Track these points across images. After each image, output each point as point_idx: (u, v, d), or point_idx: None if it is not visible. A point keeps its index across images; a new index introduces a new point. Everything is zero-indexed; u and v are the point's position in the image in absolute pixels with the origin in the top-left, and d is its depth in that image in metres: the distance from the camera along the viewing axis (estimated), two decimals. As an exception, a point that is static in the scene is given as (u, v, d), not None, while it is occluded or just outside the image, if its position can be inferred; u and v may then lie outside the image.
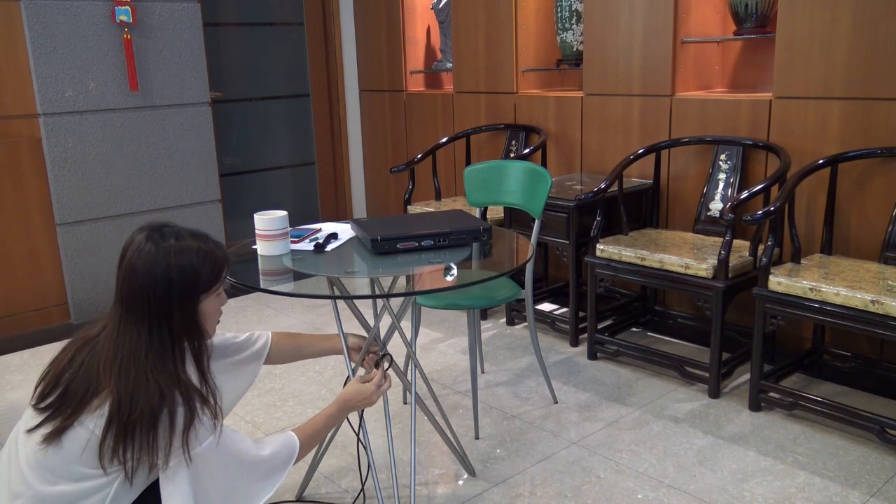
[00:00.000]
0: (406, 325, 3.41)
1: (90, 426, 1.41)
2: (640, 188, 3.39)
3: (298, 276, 1.98)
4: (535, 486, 2.32)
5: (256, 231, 2.07)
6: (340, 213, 5.33)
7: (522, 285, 2.76)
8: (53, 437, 1.43)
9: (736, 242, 2.93)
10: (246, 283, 1.95)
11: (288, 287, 2.02)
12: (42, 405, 1.47)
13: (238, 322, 3.87)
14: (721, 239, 2.80)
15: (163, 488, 1.45)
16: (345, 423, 2.44)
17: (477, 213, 3.11)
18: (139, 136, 3.99)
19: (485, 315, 3.81)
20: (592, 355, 3.24)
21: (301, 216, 4.92)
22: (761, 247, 2.88)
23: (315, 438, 1.76)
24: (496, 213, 3.63)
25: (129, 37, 3.86)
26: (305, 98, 5.09)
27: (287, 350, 2.06)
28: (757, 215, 2.56)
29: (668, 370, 3.05)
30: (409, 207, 3.98)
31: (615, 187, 3.17)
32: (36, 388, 1.51)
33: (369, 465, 2.11)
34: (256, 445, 1.61)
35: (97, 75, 3.81)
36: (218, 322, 1.64)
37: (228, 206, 4.55)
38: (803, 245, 2.88)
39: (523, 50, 3.99)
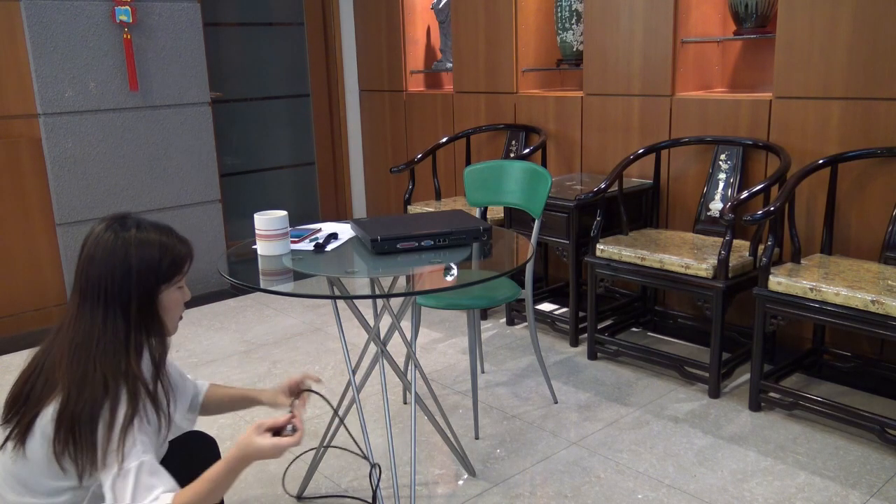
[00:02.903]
0: (406, 325, 3.41)
1: (47, 430, 1.38)
2: (640, 188, 3.39)
3: (298, 276, 1.98)
4: (535, 486, 2.32)
5: (256, 231, 2.07)
6: (340, 213, 5.33)
7: (522, 285, 2.76)
8: (19, 447, 1.40)
9: (736, 242, 2.93)
10: (246, 283, 1.95)
11: (288, 287, 2.02)
12: (8, 416, 1.44)
13: (238, 322, 3.87)
14: (721, 239, 2.80)
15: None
16: (346, 421, 2.45)
17: (477, 213, 3.11)
18: (139, 136, 3.99)
19: (485, 315, 3.81)
20: (592, 355, 3.24)
21: (301, 216, 4.92)
22: (761, 247, 2.88)
23: (201, 495, 1.46)
24: (496, 213, 3.63)
25: (129, 37, 3.86)
26: (305, 98, 5.09)
27: (221, 401, 1.91)
28: (757, 215, 2.56)
29: (668, 370, 3.05)
30: (409, 207, 3.98)
31: (615, 187, 3.17)
32: (5, 403, 1.46)
33: (371, 470, 2.11)
34: (142, 492, 1.36)
35: (97, 75, 3.81)
36: (180, 318, 1.58)
37: (228, 206, 4.55)
38: (803, 245, 2.88)
39: (523, 50, 3.99)
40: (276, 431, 1.52)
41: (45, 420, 1.38)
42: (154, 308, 1.48)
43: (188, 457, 1.65)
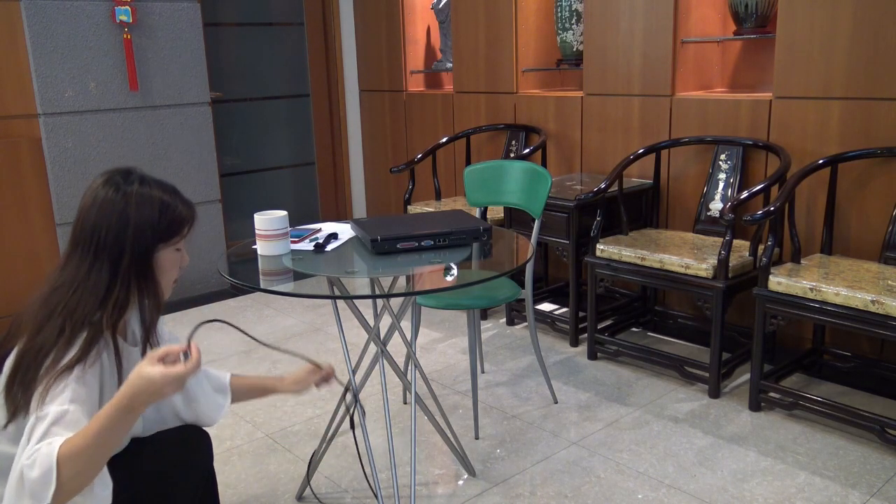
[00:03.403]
0: (406, 325, 3.41)
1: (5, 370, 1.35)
2: (640, 188, 3.39)
3: (298, 276, 1.97)
4: (535, 486, 2.32)
5: (256, 231, 2.07)
6: (340, 213, 5.33)
7: (522, 285, 2.76)
8: None
9: (736, 242, 2.93)
10: (246, 283, 1.95)
11: (288, 287, 2.02)
12: None
13: (238, 322, 3.87)
14: (721, 239, 2.80)
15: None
16: (346, 421, 2.45)
17: (477, 213, 3.11)
18: (139, 136, 3.99)
19: (485, 315, 3.81)
20: (592, 355, 3.24)
21: (301, 216, 4.91)
22: (761, 247, 2.88)
23: (86, 450, 1.19)
24: (496, 213, 3.63)
25: (129, 37, 3.86)
26: (305, 98, 5.09)
27: (241, 388, 1.88)
28: (757, 215, 2.56)
29: (668, 370, 3.05)
30: (409, 207, 3.98)
31: (615, 187, 3.17)
32: None
33: (370, 466, 2.11)
34: (33, 442, 1.22)
35: (97, 75, 3.81)
36: (175, 282, 1.52)
37: (228, 206, 4.55)
38: (803, 245, 2.88)
39: (523, 50, 3.99)
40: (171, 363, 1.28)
41: (7, 364, 1.36)
42: (150, 265, 1.42)
43: (183, 451, 1.62)
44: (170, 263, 1.47)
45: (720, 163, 3.18)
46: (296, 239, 2.15)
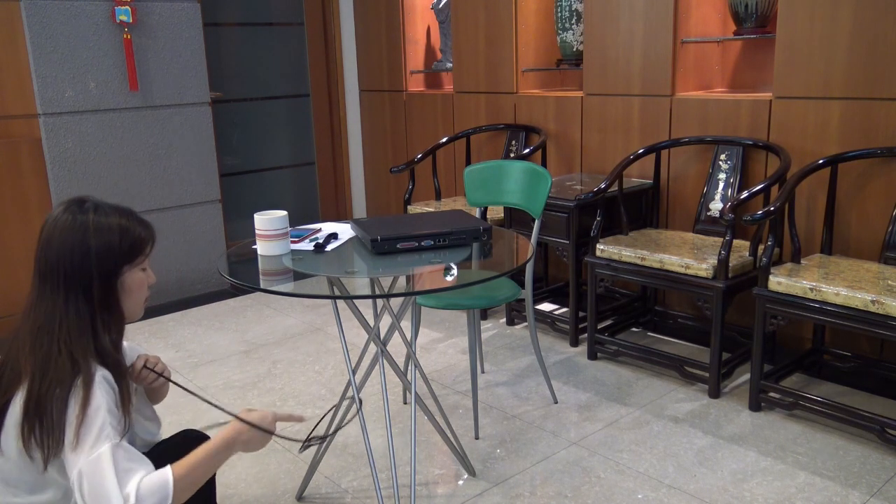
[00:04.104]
0: (406, 325, 3.41)
1: (16, 418, 1.35)
2: (640, 188, 3.39)
3: (298, 276, 1.97)
4: (535, 486, 2.32)
5: (256, 231, 2.07)
6: (340, 213, 5.33)
7: (522, 285, 2.76)
8: None
9: (736, 242, 2.93)
10: (246, 283, 1.95)
11: (288, 287, 2.02)
12: None
13: (238, 322, 3.87)
14: (721, 239, 2.80)
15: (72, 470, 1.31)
16: (345, 420, 2.44)
17: (477, 213, 3.11)
18: (139, 136, 3.99)
19: (485, 315, 3.81)
20: (592, 355, 3.24)
21: (301, 216, 4.91)
22: (761, 247, 2.88)
23: (195, 475, 1.39)
24: (496, 213, 3.63)
25: (129, 37, 3.86)
26: (305, 98, 5.09)
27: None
28: (757, 215, 2.56)
29: (668, 370, 3.05)
30: (409, 207, 3.98)
31: (615, 187, 3.17)
32: None
33: (370, 467, 2.11)
34: (123, 476, 1.30)
35: (97, 75, 3.81)
36: (146, 300, 1.55)
37: (228, 206, 4.55)
38: (803, 245, 2.88)
39: (523, 50, 3.99)
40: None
41: (15, 409, 1.36)
42: (115, 290, 1.45)
43: (184, 452, 1.63)
44: (137, 284, 1.50)
45: (720, 163, 3.18)
46: (296, 239, 2.15)
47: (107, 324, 1.44)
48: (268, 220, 2.04)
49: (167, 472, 1.33)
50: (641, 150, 3.28)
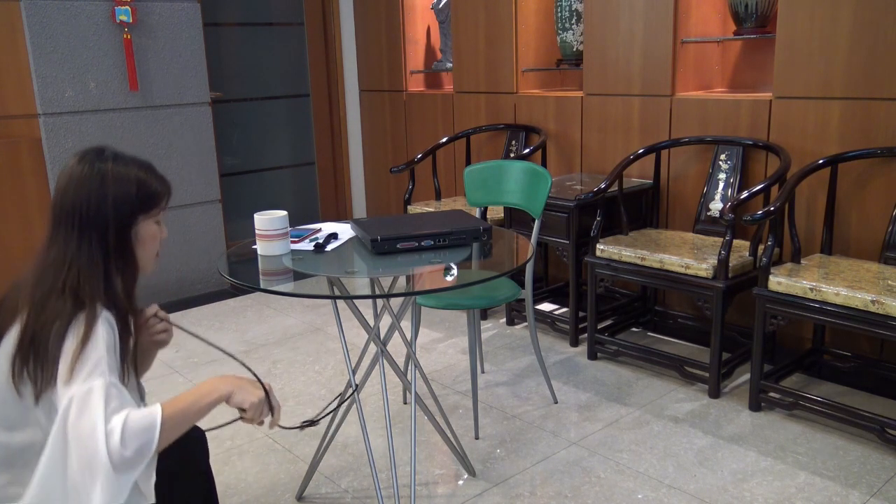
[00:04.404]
0: (406, 325, 3.41)
1: (7, 350, 1.34)
2: (640, 188, 3.39)
3: (298, 276, 1.97)
4: (535, 486, 2.32)
5: (256, 231, 2.07)
6: (340, 213, 5.33)
7: (522, 285, 2.76)
8: None
9: (736, 242, 2.93)
10: (246, 283, 1.95)
11: (288, 287, 2.02)
12: None
13: (238, 322, 3.87)
14: (721, 239, 2.80)
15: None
16: (345, 420, 2.45)
17: (477, 213, 3.11)
18: (139, 136, 3.99)
19: (485, 315, 3.81)
20: (592, 355, 3.24)
21: (301, 216, 4.91)
22: (761, 247, 2.88)
23: (182, 418, 1.33)
24: (496, 213, 3.63)
25: (129, 37, 3.86)
26: (305, 98, 5.09)
27: None
28: (757, 215, 2.56)
29: (668, 370, 3.05)
30: (409, 207, 3.98)
31: (615, 187, 3.17)
32: None
33: (371, 466, 2.11)
34: (112, 412, 1.25)
35: (97, 75, 3.81)
36: (157, 255, 1.53)
37: (228, 206, 4.55)
38: (803, 245, 2.88)
39: (523, 50, 3.99)
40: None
41: (7, 343, 1.34)
42: (129, 237, 1.44)
43: (181, 450, 1.60)
44: (150, 235, 1.48)
45: (720, 163, 3.18)
46: (296, 239, 2.15)
47: (121, 270, 1.43)
48: (268, 220, 2.04)
49: (156, 410, 1.27)
50: (641, 150, 3.28)
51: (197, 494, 1.69)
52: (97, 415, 1.23)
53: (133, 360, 1.49)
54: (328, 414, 1.68)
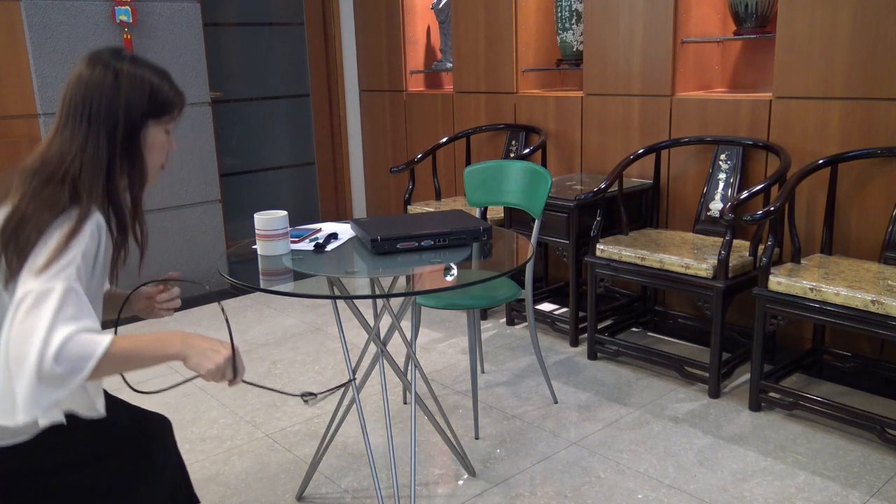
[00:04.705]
0: (406, 325, 3.41)
1: None
2: (640, 188, 3.39)
3: (298, 276, 1.97)
4: (535, 486, 2.32)
5: (256, 231, 2.06)
6: (340, 213, 5.33)
7: (522, 285, 2.76)
8: None
9: (736, 242, 2.93)
10: (246, 283, 1.95)
11: (288, 287, 2.02)
12: None
13: (238, 322, 3.88)
14: (721, 239, 2.80)
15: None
16: (345, 420, 2.44)
17: (477, 213, 3.11)
18: (139, 136, 3.99)
19: (485, 315, 3.81)
20: (592, 355, 3.24)
21: (301, 216, 4.91)
22: (761, 247, 2.88)
23: (127, 357, 1.26)
24: (496, 213, 3.63)
25: (129, 37, 3.86)
26: (305, 98, 5.09)
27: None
28: (757, 215, 2.56)
29: (668, 370, 3.05)
30: (409, 207, 3.98)
31: (615, 187, 3.17)
32: None
33: (370, 466, 2.11)
34: (62, 321, 1.20)
35: (97, 75, 3.80)
36: (162, 167, 1.50)
37: (228, 206, 4.55)
38: (803, 245, 2.88)
39: (523, 50, 3.99)
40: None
41: None
42: (138, 140, 1.40)
43: (144, 438, 1.57)
44: (159, 143, 1.45)
45: (720, 163, 3.18)
46: (296, 239, 2.15)
47: (126, 172, 1.40)
48: (268, 220, 2.04)
49: (103, 342, 1.21)
50: (641, 150, 3.28)
51: (173, 486, 1.64)
52: (45, 318, 1.19)
53: (115, 267, 1.45)
54: (330, 392, 1.63)
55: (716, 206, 3.17)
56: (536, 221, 2.75)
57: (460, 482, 2.36)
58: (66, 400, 1.30)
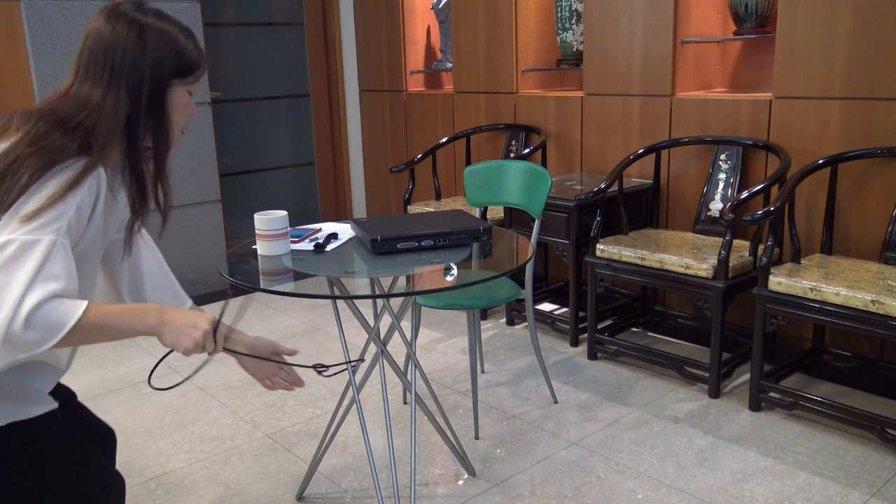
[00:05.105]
0: (406, 325, 3.41)
1: None
2: (640, 188, 3.39)
3: (298, 276, 1.97)
4: (535, 486, 2.32)
5: (256, 231, 2.06)
6: (340, 213, 5.33)
7: (522, 285, 2.76)
8: None
9: (736, 242, 2.93)
10: (246, 284, 1.95)
11: (288, 287, 2.02)
12: None
13: (237, 322, 3.87)
14: (721, 239, 2.80)
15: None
16: (345, 420, 2.44)
17: (477, 213, 3.11)
18: (139, 136, 3.99)
19: (485, 315, 3.81)
20: (592, 355, 3.24)
21: (301, 216, 4.91)
22: (761, 247, 2.88)
23: (102, 328, 1.20)
24: (496, 213, 3.63)
25: (129, 37, 3.85)
26: (305, 98, 5.09)
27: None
28: (757, 215, 2.56)
29: (668, 370, 3.05)
30: (409, 207, 3.98)
31: (615, 187, 3.17)
32: None
33: (371, 466, 2.11)
34: (42, 280, 1.13)
35: (97, 75, 3.80)
36: (182, 132, 1.41)
37: (228, 206, 4.55)
38: (803, 245, 2.88)
39: (523, 50, 3.99)
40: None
41: None
42: (164, 100, 1.31)
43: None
44: (181, 104, 1.35)
45: (720, 163, 3.18)
46: (296, 239, 2.15)
47: (152, 132, 1.31)
48: (268, 220, 2.04)
49: (78, 309, 1.15)
50: (641, 150, 3.28)
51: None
52: (24, 274, 1.11)
53: (130, 233, 1.39)
54: (342, 366, 1.60)
55: (716, 206, 3.17)
56: (536, 221, 2.75)
57: (460, 482, 2.36)
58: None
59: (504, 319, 3.73)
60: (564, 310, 3.72)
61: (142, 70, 1.27)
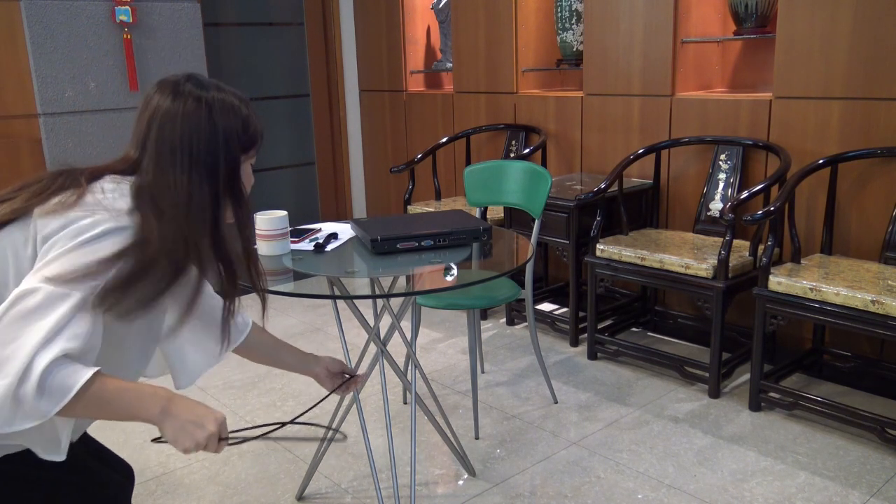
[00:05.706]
0: (406, 325, 3.41)
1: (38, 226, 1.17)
2: (640, 188, 3.39)
3: (298, 276, 1.98)
4: (535, 486, 2.32)
5: (256, 231, 2.07)
6: (340, 213, 5.33)
7: (522, 285, 2.76)
8: None
9: (736, 242, 2.93)
10: (246, 283, 1.95)
11: (288, 287, 2.02)
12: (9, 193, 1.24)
13: (238, 322, 3.87)
14: (721, 239, 2.80)
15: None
16: (345, 421, 2.44)
17: (477, 213, 3.11)
18: (139, 136, 3.99)
19: (485, 315, 3.81)
20: (592, 355, 3.24)
21: (301, 216, 4.91)
22: (761, 247, 2.88)
23: (104, 403, 1.12)
24: (496, 213, 3.63)
25: (129, 37, 3.86)
26: (305, 98, 5.09)
27: (266, 345, 1.73)
28: (757, 215, 2.56)
29: (668, 370, 3.05)
30: (409, 207, 3.98)
31: (615, 187, 3.17)
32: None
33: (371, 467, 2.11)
34: (60, 339, 1.07)
35: (97, 75, 3.81)
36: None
37: (228, 206, 4.55)
38: (803, 245, 2.88)
39: (523, 50, 3.99)
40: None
41: (51, 222, 1.16)
42: (239, 178, 1.26)
43: (98, 486, 1.43)
44: (247, 178, 1.31)
45: (720, 163, 3.18)
46: (296, 239, 2.16)
47: (234, 213, 1.27)
48: (268, 220, 2.04)
49: (87, 373, 1.08)
50: (641, 150, 3.28)
51: None
52: (39, 331, 1.05)
53: (227, 324, 1.37)
54: (314, 426, 1.61)
55: (716, 206, 3.17)
56: (536, 221, 2.75)
57: (460, 482, 2.36)
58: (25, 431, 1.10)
59: (504, 319, 3.73)
60: (564, 310, 3.72)
61: (216, 152, 1.22)
